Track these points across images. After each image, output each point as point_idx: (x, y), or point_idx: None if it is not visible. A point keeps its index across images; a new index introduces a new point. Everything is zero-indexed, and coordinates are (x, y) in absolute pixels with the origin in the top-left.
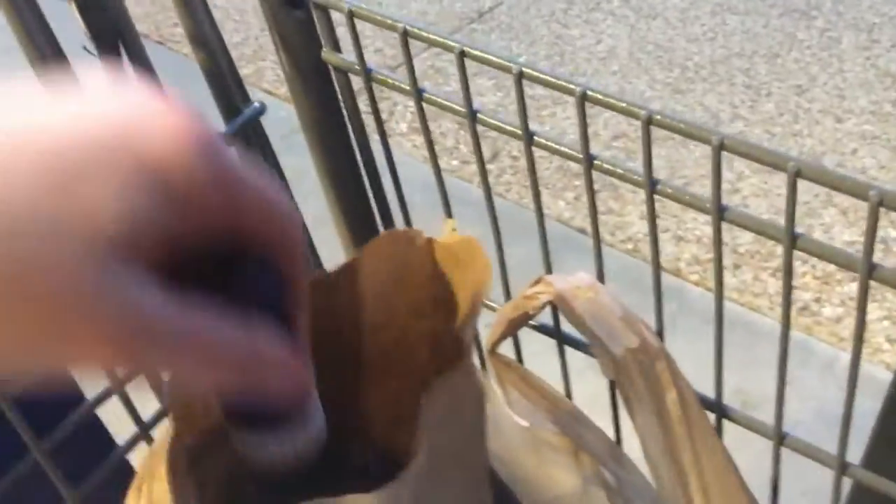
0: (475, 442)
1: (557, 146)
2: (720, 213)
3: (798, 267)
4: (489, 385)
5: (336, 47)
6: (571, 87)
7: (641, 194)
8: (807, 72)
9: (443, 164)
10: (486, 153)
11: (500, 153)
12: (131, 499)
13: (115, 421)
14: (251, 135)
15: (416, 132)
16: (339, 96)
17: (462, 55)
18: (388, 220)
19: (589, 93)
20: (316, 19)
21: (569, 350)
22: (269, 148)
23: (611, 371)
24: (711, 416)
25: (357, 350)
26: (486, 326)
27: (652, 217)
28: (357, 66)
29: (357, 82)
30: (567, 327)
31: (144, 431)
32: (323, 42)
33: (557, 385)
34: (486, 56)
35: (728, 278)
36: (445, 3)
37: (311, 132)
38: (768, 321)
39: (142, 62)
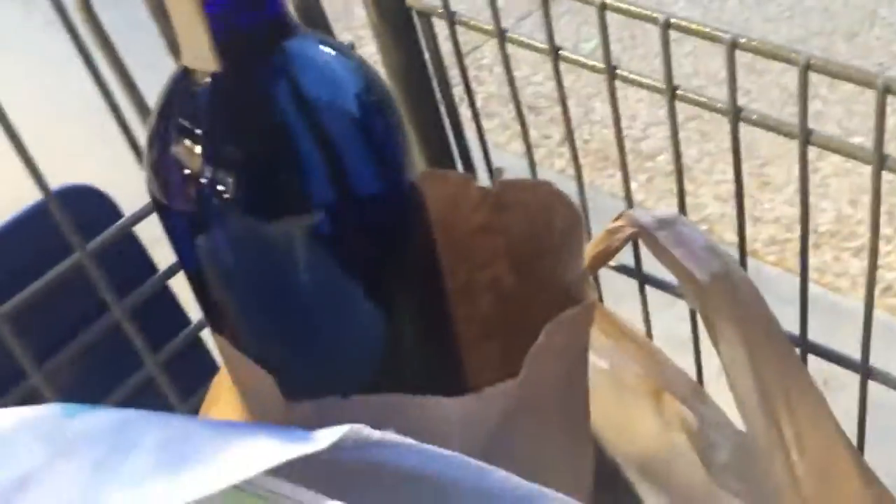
0: (578, 383)
1: (640, 78)
2: (807, 137)
3: (882, 246)
4: None
5: None
6: (655, 16)
7: (715, 175)
8: (888, 49)
9: (513, 147)
10: (557, 136)
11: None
12: (210, 403)
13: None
14: None
15: (486, 117)
16: (423, 42)
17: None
18: (469, 167)
19: (672, 20)
20: None
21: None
22: None
23: (696, 301)
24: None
25: None
26: None
27: (736, 147)
28: (440, 10)
29: (441, 28)
30: (647, 267)
31: None
32: None
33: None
34: (631, 8)
35: (809, 259)
36: None
37: (395, 78)
38: (850, 302)
39: None
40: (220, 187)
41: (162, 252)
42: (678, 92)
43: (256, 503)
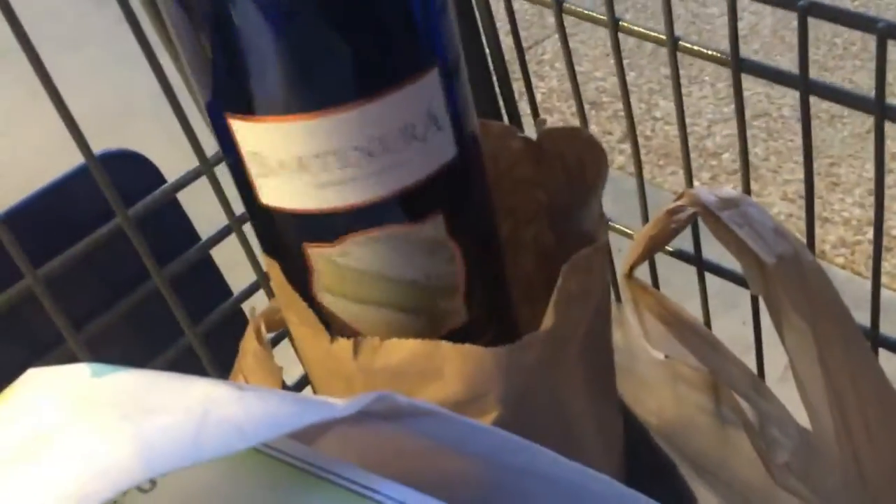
0: (603, 335)
1: (703, 49)
2: (883, 112)
3: None
4: (626, 316)
5: None
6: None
7: (783, 174)
8: None
9: None
10: (618, 133)
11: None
12: (242, 360)
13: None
14: None
15: (545, 112)
16: (478, 19)
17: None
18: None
19: None
20: None
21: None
22: None
23: (761, 285)
24: None
25: None
26: (619, 252)
27: (806, 113)
28: None
29: (498, 8)
30: (706, 253)
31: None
32: None
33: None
34: None
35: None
36: None
37: None
38: None
39: None
40: None
41: (205, 221)
42: (745, 63)
43: (284, 469)
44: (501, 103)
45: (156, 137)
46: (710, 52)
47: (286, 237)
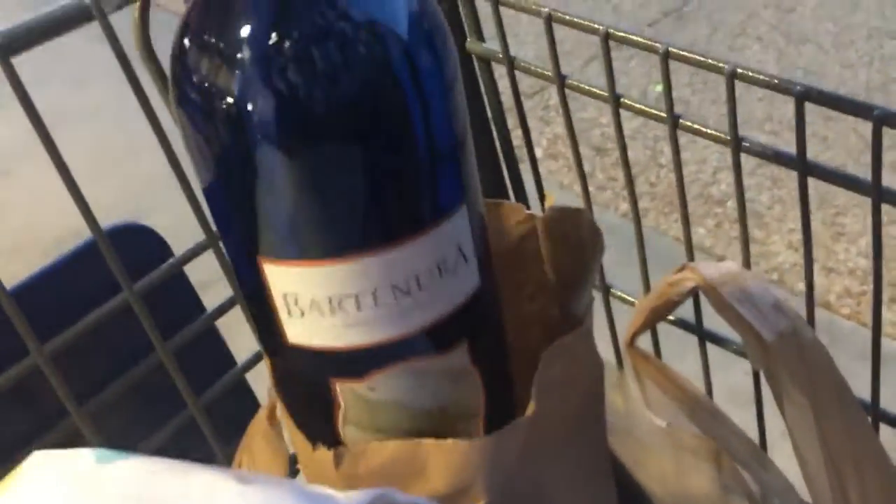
0: (593, 417)
1: (703, 128)
2: (880, 196)
3: None
4: (627, 381)
5: (480, 37)
6: (720, 65)
7: (788, 223)
8: None
9: (579, 188)
10: (623, 178)
11: (638, 178)
12: (241, 455)
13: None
14: None
15: (550, 157)
16: (482, 86)
17: (607, 37)
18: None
19: (739, 70)
20: (461, 10)
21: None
22: None
23: (760, 361)
24: None
25: None
26: (623, 316)
27: (804, 195)
28: (500, 55)
29: (499, 71)
30: (707, 323)
31: None
32: (468, 32)
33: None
34: (629, 37)
35: (886, 314)
36: (584, 32)
37: None
38: None
39: None
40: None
41: (211, 292)
42: (744, 144)
43: None
44: (508, 182)
45: (161, 170)
46: (707, 131)
47: (313, 374)
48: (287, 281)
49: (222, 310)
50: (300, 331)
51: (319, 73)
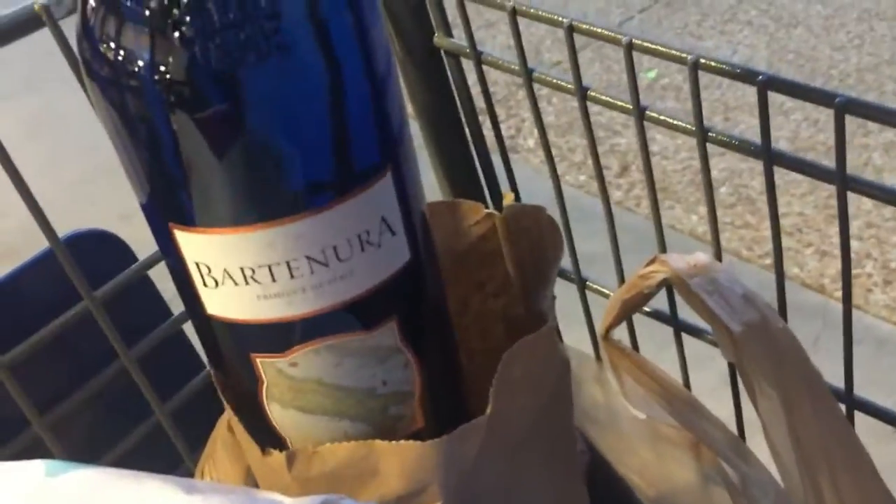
0: (559, 415)
1: (672, 120)
2: (845, 184)
3: None
4: (605, 374)
5: (448, 32)
6: (683, 56)
7: (781, 207)
8: None
9: (571, 178)
10: (616, 167)
11: (630, 167)
12: (204, 463)
13: None
14: None
15: (539, 147)
16: (452, 82)
17: (571, 30)
18: (499, 204)
19: (701, 60)
20: (428, 5)
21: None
22: None
23: (731, 352)
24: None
25: None
26: (600, 309)
27: (770, 182)
28: (467, 49)
29: (469, 67)
30: (683, 314)
31: None
32: (435, 27)
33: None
34: (592, 29)
35: (878, 295)
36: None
37: (423, 118)
38: None
39: None
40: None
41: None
42: (710, 134)
43: None
44: (481, 175)
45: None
46: (675, 122)
47: (234, 347)
48: (198, 249)
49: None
50: (217, 301)
51: (215, 33)
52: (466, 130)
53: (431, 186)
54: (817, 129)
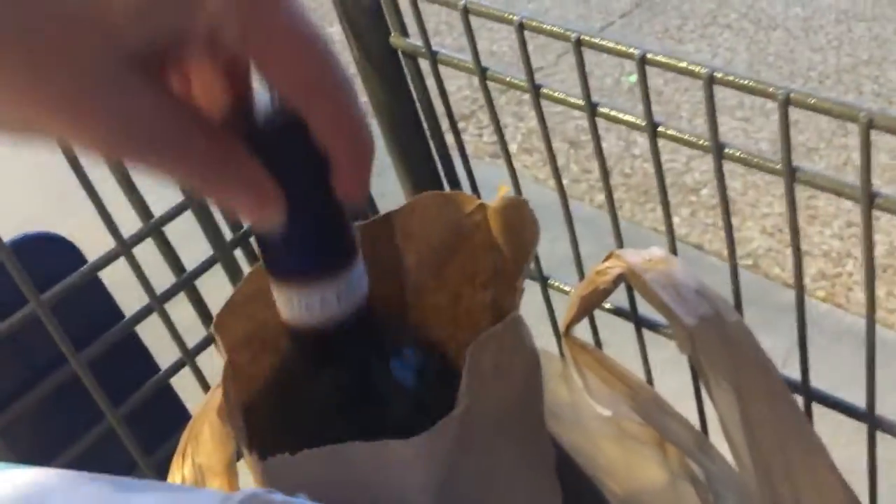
0: (530, 409)
1: (621, 115)
2: (870, 200)
3: None
4: (569, 371)
5: (404, 32)
6: (631, 51)
7: (762, 208)
8: None
9: (551, 182)
10: (597, 170)
11: (613, 171)
12: (175, 464)
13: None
14: None
15: (525, 152)
16: (410, 82)
17: (521, 27)
18: None
19: (649, 55)
20: (384, 5)
21: (653, 341)
22: None
23: (686, 346)
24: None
25: (400, 308)
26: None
27: (721, 181)
28: (424, 49)
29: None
30: (644, 309)
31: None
32: (391, 27)
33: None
34: (542, 26)
35: (859, 294)
36: (558, 20)
37: (382, 118)
38: None
39: None
40: None
41: (130, 296)
42: (659, 129)
43: None
44: (442, 174)
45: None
46: (687, 138)
47: None
48: None
49: (139, 317)
50: None
51: None
52: (426, 130)
53: (395, 184)
54: (797, 131)
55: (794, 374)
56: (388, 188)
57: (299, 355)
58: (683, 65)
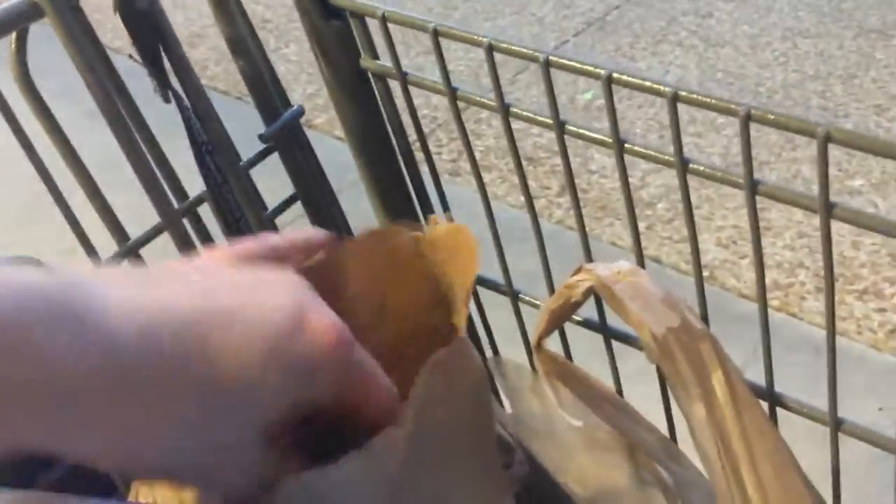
0: (481, 422)
1: (589, 132)
2: (753, 187)
3: (886, 289)
4: (540, 384)
5: (374, 55)
6: (598, 71)
7: (717, 220)
8: (886, 91)
9: (512, 199)
10: (556, 187)
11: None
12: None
13: None
14: (292, 136)
15: (484, 169)
16: (380, 103)
17: (490, 48)
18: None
19: (615, 75)
20: (354, 29)
21: (624, 352)
22: (308, 148)
23: (654, 355)
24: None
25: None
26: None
27: (686, 195)
28: (394, 71)
29: (396, 88)
30: (613, 321)
31: None
32: (361, 50)
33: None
34: (511, 47)
35: (811, 302)
36: (514, 40)
37: (354, 140)
38: (857, 345)
39: (182, 67)
40: None
41: None
42: (691, 165)
43: None
44: (413, 196)
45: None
46: (654, 154)
47: None
48: None
49: None
50: None
51: None
52: (397, 151)
53: (367, 201)
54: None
55: (757, 381)
56: (361, 205)
57: None
58: (648, 84)
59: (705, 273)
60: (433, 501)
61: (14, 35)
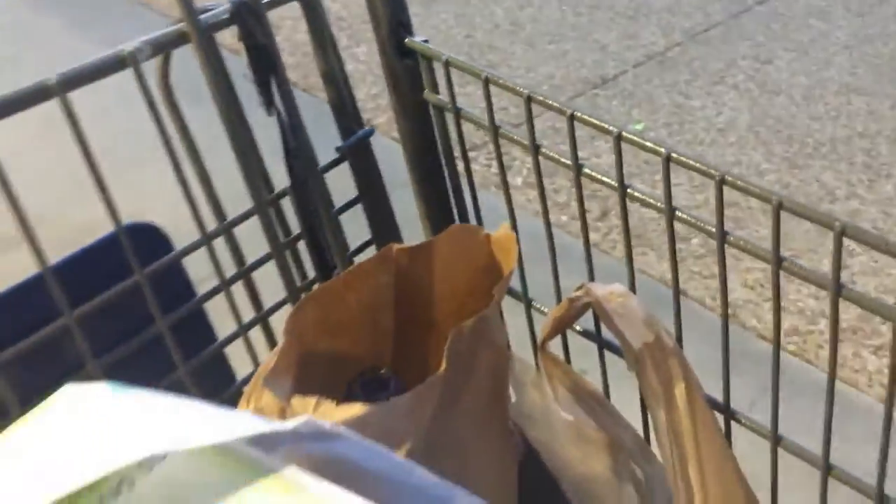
0: (499, 391)
1: (651, 199)
2: (838, 292)
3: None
4: (542, 380)
5: (435, 89)
6: (660, 149)
7: (746, 261)
8: None
9: (553, 218)
10: (597, 211)
11: (609, 213)
12: (241, 404)
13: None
14: (362, 150)
15: (530, 186)
16: (435, 130)
17: (529, 100)
18: None
19: (674, 155)
20: (421, 67)
21: (615, 360)
22: (373, 160)
23: (632, 364)
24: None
25: (427, 314)
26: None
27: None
28: (449, 105)
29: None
30: (608, 335)
31: None
32: (425, 85)
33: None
34: (546, 101)
35: (827, 352)
36: (571, 68)
37: (411, 157)
38: (865, 398)
39: (285, 90)
40: None
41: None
42: (729, 238)
43: (240, 466)
44: (455, 213)
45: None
46: (698, 224)
47: None
48: None
49: (209, 295)
50: None
51: None
52: (445, 173)
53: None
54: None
55: (764, 419)
56: (409, 207)
57: None
58: (699, 166)
59: (729, 310)
60: (458, 444)
61: (161, 56)
